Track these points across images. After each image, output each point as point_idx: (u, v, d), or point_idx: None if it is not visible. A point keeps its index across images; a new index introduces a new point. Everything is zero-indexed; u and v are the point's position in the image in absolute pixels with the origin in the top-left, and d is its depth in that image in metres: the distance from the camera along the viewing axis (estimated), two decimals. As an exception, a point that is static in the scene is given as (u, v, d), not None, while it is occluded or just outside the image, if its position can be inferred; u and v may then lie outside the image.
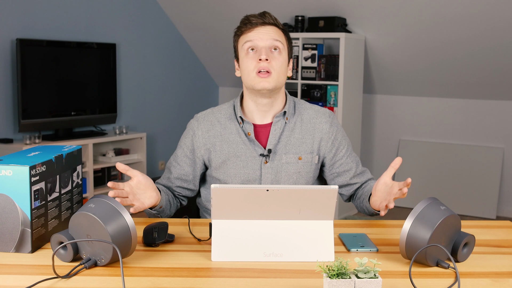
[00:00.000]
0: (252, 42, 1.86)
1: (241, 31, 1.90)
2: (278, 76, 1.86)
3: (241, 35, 1.90)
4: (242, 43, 1.89)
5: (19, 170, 1.46)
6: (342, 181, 1.98)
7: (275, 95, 1.91)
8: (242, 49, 1.89)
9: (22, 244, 1.49)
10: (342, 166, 1.97)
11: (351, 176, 1.98)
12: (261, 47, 1.85)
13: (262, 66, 1.84)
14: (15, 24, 4.37)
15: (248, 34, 1.87)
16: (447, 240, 1.45)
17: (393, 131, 5.50)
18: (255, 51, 1.86)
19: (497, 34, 4.41)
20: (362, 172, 2.01)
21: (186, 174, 1.96)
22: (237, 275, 1.38)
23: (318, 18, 4.89)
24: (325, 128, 1.96)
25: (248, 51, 1.87)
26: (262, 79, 1.84)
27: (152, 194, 1.74)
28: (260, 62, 1.84)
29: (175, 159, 1.97)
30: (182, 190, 1.98)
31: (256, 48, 1.86)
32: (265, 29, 1.87)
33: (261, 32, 1.86)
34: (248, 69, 1.87)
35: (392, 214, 5.06)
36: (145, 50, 5.46)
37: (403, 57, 4.96)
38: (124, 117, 5.31)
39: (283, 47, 1.88)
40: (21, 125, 4.30)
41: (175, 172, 1.96)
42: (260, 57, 1.84)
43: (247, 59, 1.87)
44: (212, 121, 1.96)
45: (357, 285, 1.21)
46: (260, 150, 1.91)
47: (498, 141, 5.08)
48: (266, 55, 1.84)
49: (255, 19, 1.88)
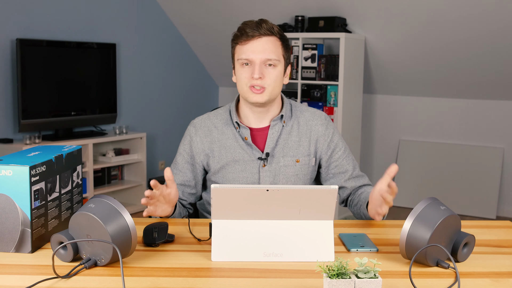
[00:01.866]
0: (247, 56, 1.84)
1: (236, 41, 1.88)
2: (272, 90, 1.86)
3: (237, 45, 1.88)
4: (237, 54, 1.87)
5: (19, 170, 1.45)
6: (336, 183, 1.98)
7: (270, 103, 1.92)
8: (237, 61, 1.88)
9: (22, 244, 1.49)
10: (338, 167, 1.97)
11: (346, 179, 1.98)
12: (255, 63, 1.83)
13: (255, 83, 1.84)
14: (15, 24, 4.37)
15: (244, 47, 1.85)
16: (447, 240, 1.45)
17: (393, 131, 5.50)
18: (250, 65, 1.85)
19: (497, 34, 4.41)
20: (359, 176, 2.00)
21: (189, 180, 1.96)
22: (237, 275, 1.38)
23: (318, 18, 4.89)
24: (321, 130, 1.96)
25: (242, 65, 1.86)
26: (256, 94, 1.85)
27: (168, 209, 1.76)
28: (253, 79, 1.84)
29: (176, 167, 1.97)
30: (187, 197, 1.98)
31: (250, 63, 1.85)
32: (260, 42, 1.84)
33: (256, 46, 1.84)
34: (242, 81, 1.87)
35: (392, 214, 5.06)
36: (145, 50, 5.46)
37: (403, 57, 4.96)
38: (124, 117, 5.31)
39: (279, 60, 1.86)
40: (21, 125, 4.30)
41: (178, 180, 1.96)
42: (253, 74, 1.83)
43: (241, 72, 1.86)
44: (209, 127, 1.96)
45: (357, 285, 1.21)
46: (258, 153, 1.91)
47: (498, 141, 5.08)
48: (260, 72, 1.83)
49: (251, 31, 1.84)
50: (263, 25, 1.85)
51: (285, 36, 1.91)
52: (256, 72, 1.82)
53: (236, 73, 1.89)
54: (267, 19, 1.89)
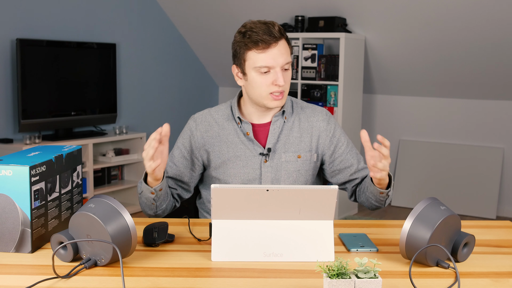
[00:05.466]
0: (267, 64, 1.82)
1: (250, 47, 1.83)
2: (287, 92, 1.89)
3: (249, 51, 1.84)
4: (254, 62, 1.83)
5: (19, 170, 1.46)
6: (343, 178, 1.98)
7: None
8: (253, 68, 1.84)
9: (22, 244, 1.49)
10: (343, 162, 1.97)
11: (351, 173, 1.97)
12: (276, 70, 1.83)
13: (278, 90, 1.84)
14: (15, 24, 4.37)
15: (261, 55, 1.82)
16: (447, 240, 1.45)
17: (393, 131, 5.50)
18: (269, 72, 1.83)
19: (497, 34, 4.41)
20: (364, 169, 1.99)
21: (181, 174, 1.95)
22: (237, 275, 1.38)
23: (318, 18, 4.89)
24: (322, 126, 1.97)
25: (261, 72, 1.84)
26: (276, 101, 1.86)
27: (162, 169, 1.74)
28: (275, 85, 1.83)
29: (172, 159, 1.96)
30: (175, 190, 1.96)
31: (269, 69, 1.83)
32: (278, 48, 1.83)
33: (275, 53, 1.82)
34: (261, 88, 1.85)
35: (392, 214, 5.07)
36: (145, 50, 5.46)
37: (403, 57, 4.96)
38: (124, 117, 5.31)
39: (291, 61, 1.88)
40: (21, 125, 4.30)
41: (171, 172, 1.95)
42: (277, 82, 1.82)
43: (261, 79, 1.84)
44: (210, 122, 1.96)
45: (357, 285, 1.21)
46: (260, 149, 1.92)
47: (498, 141, 5.08)
48: (283, 80, 1.83)
49: (268, 38, 1.81)
50: (275, 29, 1.83)
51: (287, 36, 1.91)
52: (281, 79, 1.82)
53: (252, 80, 1.85)
54: (272, 21, 1.88)
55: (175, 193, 1.97)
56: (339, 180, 1.98)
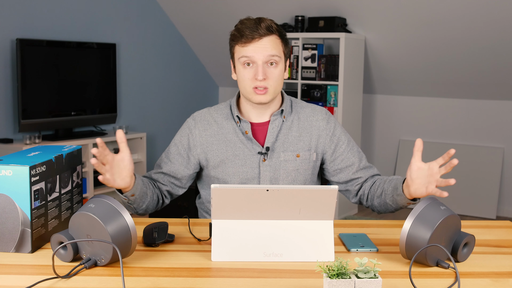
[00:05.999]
0: (248, 58, 1.83)
1: (235, 41, 1.86)
2: (274, 90, 1.86)
3: (236, 45, 1.87)
4: (238, 55, 1.86)
5: (19, 170, 1.46)
6: (345, 177, 1.97)
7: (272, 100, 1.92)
8: (238, 60, 1.87)
9: (22, 244, 1.49)
10: (344, 161, 1.96)
11: (353, 171, 1.95)
12: (257, 64, 1.83)
13: (259, 84, 1.83)
14: (15, 24, 4.37)
15: (244, 49, 1.84)
16: (447, 240, 1.45)
17: (393, 131, 5.50)
18: (252, 66, 1.84)
19: (497, 34, 4.41)
20: (367, 167, 1.97)
21: (175, 171, 1.94)
22: (237, 275, 1.38)
23: (318, 18, 4.89)
24: (322, 125, 1.96)
25: (244, 65, 1.85)
26: (259, 95, 1.85)
27: (126, 179, 1.68)
28: (256, 80, 1.83)
29: (167, 156, 1.96)
30: (166, 186, 1.95)
31: (252, 63, 1.84)
32: (261, 43, 1.83)
33: (257, 47, 1.83)
34: (244, 82, 1.86)
35: (392, 214, 5.06)
36: (145, 50, 5.46)
37: (403, 57, 4.96)
38: (124, 117, 5.31)
39: (280, 58, 1.86)
40: (21, 125, 4.30)
41: (165, 168, 1.94)
42: (256, 76, 1.82)
43: (244, 72, 1.85)
44: (209, 121, 1.96)
45: (357, 285, 1.21)
46: (258, 148, 1.91)
47: (498, 141, 5.08)
48: (263, 74, 1.82)
49: (250, 33, 1.82)
50: (261, 25, 1.84)
51: (283, 31, 1.90)
52: (260, 73, 1.82)
53: (238, 73, 1.88)
54: (264, 17, 1.88)
55: (164, 189, 1.95)
56: (341, 179, 1.97)
